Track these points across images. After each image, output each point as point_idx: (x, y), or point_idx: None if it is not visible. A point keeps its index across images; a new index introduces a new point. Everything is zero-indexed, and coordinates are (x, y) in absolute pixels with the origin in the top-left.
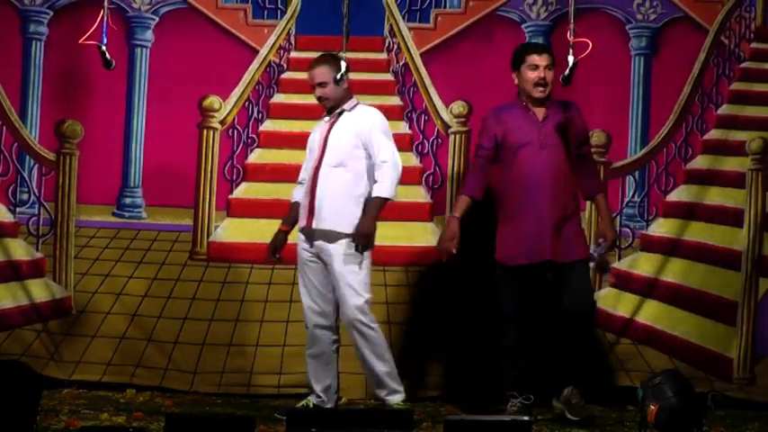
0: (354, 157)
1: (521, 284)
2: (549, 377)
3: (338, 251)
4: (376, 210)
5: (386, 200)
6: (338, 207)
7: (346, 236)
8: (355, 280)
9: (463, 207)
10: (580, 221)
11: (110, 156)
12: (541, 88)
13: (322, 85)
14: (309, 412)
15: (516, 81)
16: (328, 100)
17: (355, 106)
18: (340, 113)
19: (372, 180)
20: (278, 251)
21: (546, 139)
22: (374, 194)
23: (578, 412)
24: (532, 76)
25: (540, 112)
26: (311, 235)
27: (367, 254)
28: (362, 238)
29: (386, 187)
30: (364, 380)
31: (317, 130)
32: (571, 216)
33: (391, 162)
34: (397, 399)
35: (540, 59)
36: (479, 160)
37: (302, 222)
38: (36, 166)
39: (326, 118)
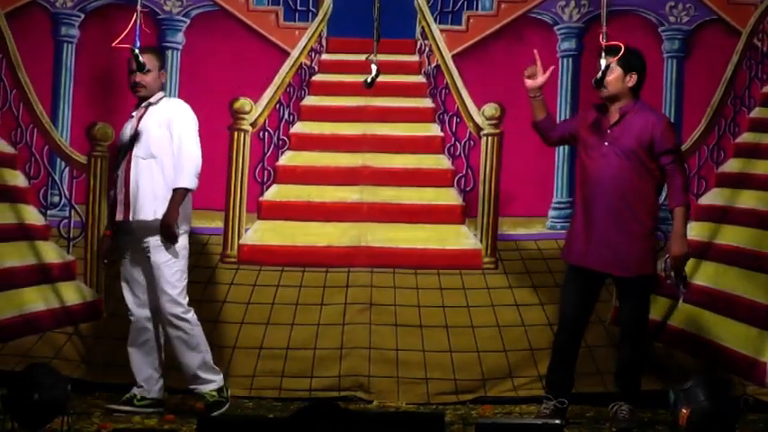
0: (163, 147)
1: (581, 288)
2: None
3: (155, 242)
4: (177, 200)
5: (186, 190)
6: (152, 197)
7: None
8: (170, 272)
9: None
10: (648, 236)
11: None
12: (602, 90)
13: (145, 71)
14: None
15: None
16: (145, 88)
17: (161, 99)
18: (147, 106)
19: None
20: (105, 256)
21: (609, 147)
22: (174, 185)
23: (618, 424)
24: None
25: (612, 118)
26: (129, 228)
27: (183, 244)
28: (165, 229)
29: (184, 177)
30: (396, 383)
31: (126, 126)
32: (633, 229)
33: (187, 152)
34: (209, 387)
35: (599, 62)
36: (560, 123)
37: (119, 216)
38: (67, 168)
39: (134, 113)
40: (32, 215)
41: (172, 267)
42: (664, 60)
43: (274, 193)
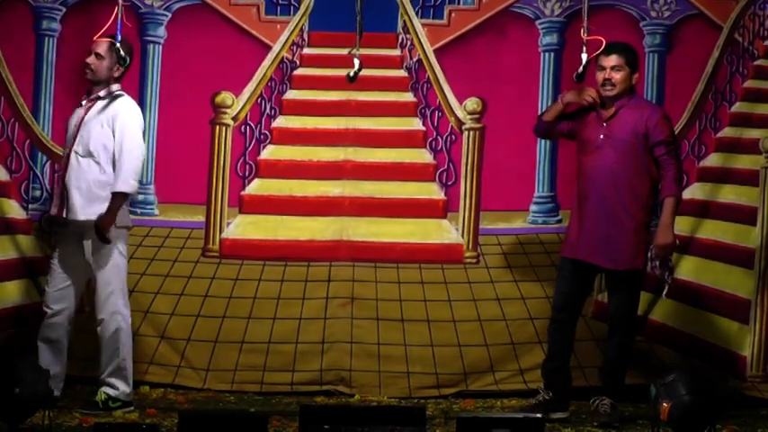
0: (102, 147)
1: (573, 280)
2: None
3: (92, 244)
4: (115, 205)
5: (124, 194)
6: (86, 198)
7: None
8: (109, 272)
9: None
10: (639, 230)
11: None
12: (608, 87)
13: (99, 56)
14: (323, 409)
15: None
16: (92, 72)
17: (111, 94)
18: (95, 99)
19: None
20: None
21: (604, 140)
22: (113, 189)
23: (599, 418)
24: (599, 77)
25: (608, 112)
26: (65, 224)
27: (120, 246)
28: (98, 231)
29: (122, 181)
30: (378, 377)
31: (74, 114)
32: (625, 223)
33: (127, 154)
34: (110, 391)
35: (606, 60)
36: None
37: (53, 210)
38: (48, 162)
39: (83, 102)
40: (14, 209)
41: (107, 266)
42: (645, 55)
43: (256, 187)
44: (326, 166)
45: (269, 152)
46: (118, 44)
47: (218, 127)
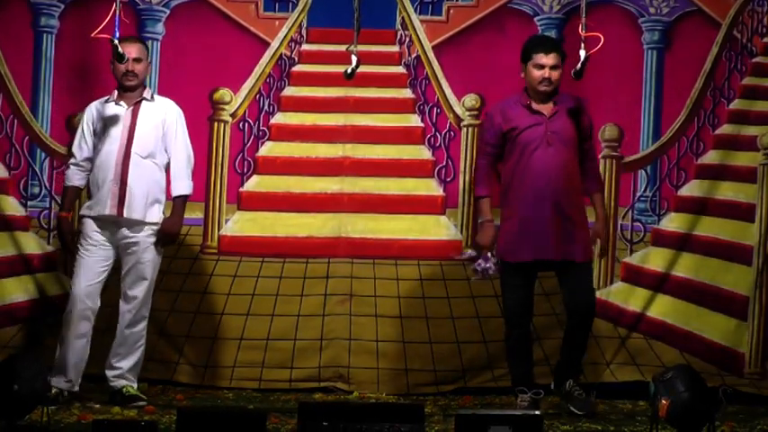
0: (160, 149)
1: (524, 282)
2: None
3: (147, 241)
4: (182, 208)
5: (188, 197)
6: (149, 198)
7: (155, 225)
8: (155, 272)
9: (489, 208)
10: (587, 220)
11: None
12: (545, 83)
13: (138, 60)
14: (322, 405)
15: (523, 75)
16: (137, 77)
17: (153, 96)
18: (139, 101)
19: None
20: (74, 236)
21: (553, 136)
22: (178, 192)
23: (583, 406)
24: (537, 74)
25: (546, 108)
26: (116, 223)
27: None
28: (171, 237)
29: (188, 184)
30: (376, 374)
31: (109, 113)
32: (578, 214)
33: (190, 159)
34: (134, 384)
35: (546, 59)
36: (488, 158)
37: (109, 210)
38: (47, 159)
39: (123, 104)
40: (13, 206)
41: (156, 267)
42: (644, 52)
43: (254, 183)
44: (325, 162)
45: (267, 149)
46: (116, 42)
47: (216, 124)
